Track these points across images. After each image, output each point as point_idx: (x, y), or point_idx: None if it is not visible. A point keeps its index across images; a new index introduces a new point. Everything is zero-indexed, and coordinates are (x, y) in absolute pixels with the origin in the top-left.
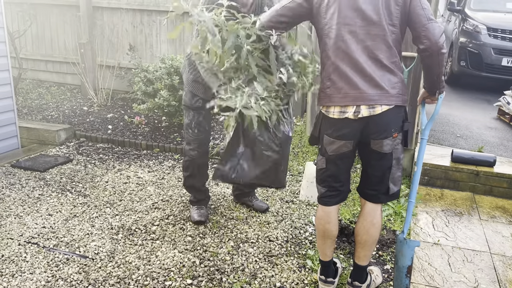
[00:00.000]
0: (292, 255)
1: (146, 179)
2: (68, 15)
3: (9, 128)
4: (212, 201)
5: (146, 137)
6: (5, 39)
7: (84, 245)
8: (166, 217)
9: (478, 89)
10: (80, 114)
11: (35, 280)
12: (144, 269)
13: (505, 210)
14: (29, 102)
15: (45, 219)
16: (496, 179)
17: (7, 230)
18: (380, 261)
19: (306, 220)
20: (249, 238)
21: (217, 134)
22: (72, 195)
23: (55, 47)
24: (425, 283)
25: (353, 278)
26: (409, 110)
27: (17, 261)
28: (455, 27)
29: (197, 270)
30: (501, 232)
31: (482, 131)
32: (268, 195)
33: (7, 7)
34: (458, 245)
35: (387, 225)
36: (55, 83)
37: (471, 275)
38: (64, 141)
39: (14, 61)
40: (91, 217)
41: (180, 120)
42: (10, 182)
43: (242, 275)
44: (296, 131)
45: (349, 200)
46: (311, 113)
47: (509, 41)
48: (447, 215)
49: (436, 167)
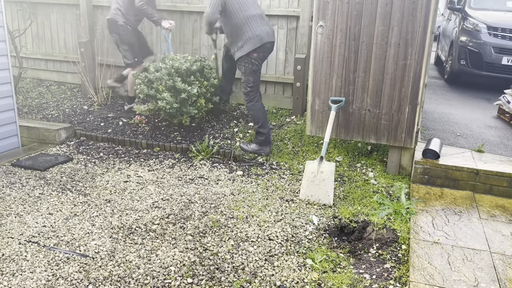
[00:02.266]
0: (292, 254)
1: (146, 178)
2: (68, 14)
3: (9, 127)
4: (212, 200)
5: (146, 136)
6: (5, 38)
7: (85, 244)
8: (167, 216)
9: (478, 88)
10: (80, 113)
11: (35, 279)
12: (145, 268)
13: (505, 209)
14: (29, 101)
15: (45, 218)
16: (496, 178)
17: (8, 229)
18: (380, 260)
19: (306, 219)
20: (249, 237)
21: (217, 134)
22: (73, 194)
23: (55, 46)
24: (425, 282)
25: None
26: (409, 109)
27: (17, 260)
28: (455, 26)
29: (197, 269)
30: (501, 231)
31: (482, 130)
32: (268, 194)
33: (7, 6)
34: (458, 244)
35: (387, 224)
36: (55, 82)
37: (471, 274)
38: (65, 140)
39: (14, 60)
40: (91, 216)
41: (180, 120)
42: (11, 181)
43: (242, 274)
44: (296, 130)
45: (349, 199)
46: (311, 112)
47: (509, 39)
48: (447, 214)
49: (436, 166)
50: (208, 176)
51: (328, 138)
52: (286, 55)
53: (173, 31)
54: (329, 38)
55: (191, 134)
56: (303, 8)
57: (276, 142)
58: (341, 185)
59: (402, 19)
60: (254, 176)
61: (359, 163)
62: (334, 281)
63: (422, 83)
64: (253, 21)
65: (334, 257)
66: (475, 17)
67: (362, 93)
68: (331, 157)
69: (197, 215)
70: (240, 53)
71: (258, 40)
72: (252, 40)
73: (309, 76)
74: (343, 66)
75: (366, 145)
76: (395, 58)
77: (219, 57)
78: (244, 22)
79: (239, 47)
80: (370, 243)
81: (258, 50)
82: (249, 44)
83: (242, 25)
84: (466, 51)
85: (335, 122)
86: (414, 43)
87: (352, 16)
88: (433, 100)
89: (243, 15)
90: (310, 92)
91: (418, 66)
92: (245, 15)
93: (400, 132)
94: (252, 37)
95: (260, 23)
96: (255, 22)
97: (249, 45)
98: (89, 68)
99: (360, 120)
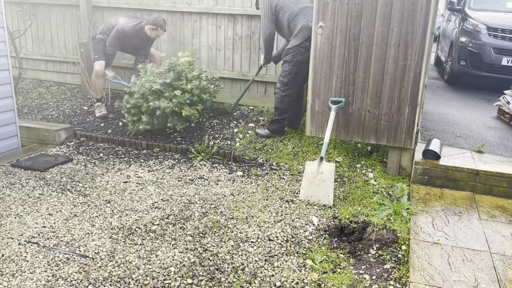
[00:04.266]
0: (292, 254)
1: (146, 179)
2: (68, 14)
3: (9, 128)
4: (212, 200)
5: (146, 136)
6: (5, 39)
7: (84, 245)
8: (166, 216)
9: (478, 89)
10: (80, 114)
11: (35, 280)
12: (144, 269)
13: (505, 209)
14: (29, 101)
15: (45, 218)
16: (496, 179)
17: (7, 229)
18: (380, 261)
19: (306, 220)
20: (249, 237)
21: (217, 134)
22: (72, 195)
23: (55, 47)
24: (425, 283)
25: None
26: (409, 110)
27: (17, 261)
28: (455, 27)
29: (197, 269)
30: (501, 232)
31: (482, 131)
32: (268, 195)
33: (7, 6)
34: (458, 245)
35: (387, 225)
36: (55, 83)
37: (471, 274)
38: (64, 141)
39: (14, 60)
40: (91, 216)
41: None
42: (10, 181)
43: (242, 275)
44: (295, 131)
45: (349, 200)
46: (310, 113)
47: (509, 40)
48: (447, 214)
49: (436, 166)
50: (208, 177)
51: (328, 139)
52: None
53: (174, 32)
54: (329, 39)
55: (191, 135)
56: None
57: (276, 142)
58: (341, 186)
59: (402, 20)
60: (254, 177)
61: (359, 164)
62: (334, 281)
63: (422, 84)
64: (306, 11)
65: (334, 257)
66: (475, 18)
67: (362, 93)
68: (331, 158)
69: (197, 215)
70: (294, 42)
71: (310, 30)
72: (305, 29)
73: (309, 77)
74: (343, 67)
75: (366, 146)
76: (395, 59)
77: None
78: (298, 12)
79: (294, 37)
80: (370, 243)
81: (310, 39)
82: (303, 33)
83: (296, 15)
84: (466, 51)
85: (335, 123)
86: (414, 44)
87: (352, 17)
88: (433, 101)
89: (297, 8)
90: (310, 93)
91: (418, 66)
92: (299, 7)
93: (400, 132)
94: (305, 27)
95: (310, 14)
96: (308, 12)
97: (303, 33)
98: (89, 69)
99: (360, 121)
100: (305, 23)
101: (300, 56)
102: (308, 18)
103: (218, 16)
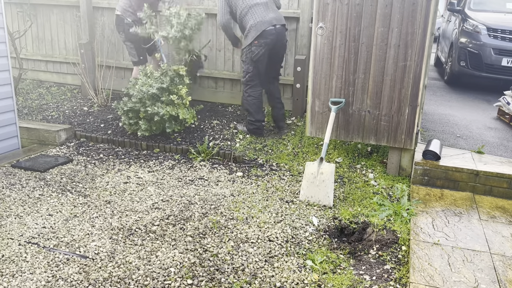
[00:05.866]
0: (292, 255)
1: (146, 179)
2: (68, 15)
3: (9, 129)
4: (212, 201)
5: (146, 137)
6: (6, 40)
7: (84, 245)
8: (166, 217)
9: (478, 89)
10: (80, 114)
11: (35, 280)
12: (144, 269)
13: (505, 210)
14: (29, 102)
15: (45, 219)
16: (496, 179)
17: (8, 230)
18: (380, 261)
19: (306, 220)
20: (249, 238)
21: (217, 134)
22: (72, 195)
23: (55, 48)
24: (425, 283)
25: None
26: (409, 110)
27: (17, 261)
28: (455, 27)
29: (197, 270)
30: (501, 232)
31: (482, 131)
32: (268, 195)
33: (7, 7)
34: (458, 245)
35: (387, 225)
36: (55, 83)
37: (471, 275)
38: (65, 141)
39: (14, 61)
40: (91, 217)
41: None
42: (11, 182)
43: (242, 275)
44: (296, 131)
45: (349, 200)
46: (311, 113)
47: (509, 41)
48: (447, 215)
49: (436, 167)
50: (208, 177)
51: (328, 139)
52: (286, 56)
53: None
54: (329, 40)
55: (191, 135)
56: (303, 9)
57: (276, 143)
58: (341, 186)
59: (402, 20)
60: (254, 177)
61: (359, 164)
62: (334, 282)
63: (422, 85)
64: (255, 10)
65: (334, 258)
66: (475, 19)
67: (362, 94)
68: (331, 158)
69: (197, 216)
70: (245, 42)
71: (257, 30)
72: (253, 29)
73: (309, 78)
74: (343, 68)
75: (366, 146)
76: (395, 59)
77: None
78: (248, 11)
79: (245, 37)
80: (370, 244)
81: (259, 38)
82: (252, 32)
83: (246, 13)
84: (466, 52)
85: (335, 123)
86: (414, 45)
87: (352, 18)
88: (433, 102)
89: (246, 5)
90: (310, 94)
91: (418, 67)
92: (249, 4)
93: (400, 133)
94: (253, 26)
95: (260, 12)
96: (257, 11)
97: (252, 33)
98: (89, 70)
99: (360, 121)
100: (253, 23)
101: (252, 55)
102: (256, 17)
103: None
